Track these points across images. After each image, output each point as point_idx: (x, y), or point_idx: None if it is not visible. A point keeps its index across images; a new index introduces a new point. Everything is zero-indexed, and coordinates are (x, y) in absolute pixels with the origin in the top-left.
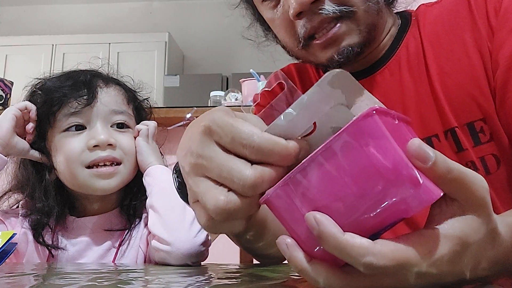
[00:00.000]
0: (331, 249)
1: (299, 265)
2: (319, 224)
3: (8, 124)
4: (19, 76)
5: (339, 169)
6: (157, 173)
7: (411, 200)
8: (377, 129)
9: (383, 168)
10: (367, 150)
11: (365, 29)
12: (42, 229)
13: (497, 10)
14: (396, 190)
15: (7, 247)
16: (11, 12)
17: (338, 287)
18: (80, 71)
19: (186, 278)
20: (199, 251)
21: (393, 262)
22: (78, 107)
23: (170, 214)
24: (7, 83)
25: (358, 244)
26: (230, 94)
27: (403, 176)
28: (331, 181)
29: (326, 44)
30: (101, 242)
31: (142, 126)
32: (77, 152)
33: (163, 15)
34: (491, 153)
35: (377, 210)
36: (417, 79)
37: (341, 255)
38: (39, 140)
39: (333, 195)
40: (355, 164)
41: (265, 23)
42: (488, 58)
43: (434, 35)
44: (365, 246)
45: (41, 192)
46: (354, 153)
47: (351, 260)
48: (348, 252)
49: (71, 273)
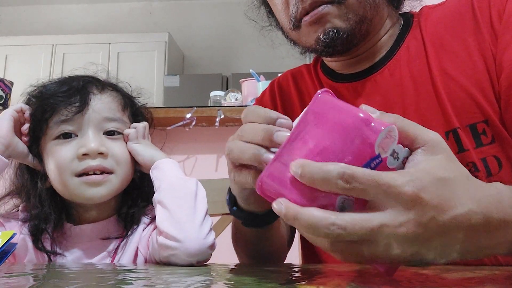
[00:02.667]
0: (311, 174)
1: (293, 210)
2: (301, 164)
3: (8, 124)
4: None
5: (312, 133)
6: (166, 167)
7: (370, 134)
8: (328, 99)
9: (343, 121)
10: (330, 113)
11: (353, 17)
12: (40, 235)
13: (500, 14)
14: (357, 132)
15: (7, 247)
16: (11, 12)
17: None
18: (75, 77)
19: (186, 278)
20: (207, 252)
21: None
22: (68, 115)
23: (180, 211)
24: (7, 83)
25: (331, 165)
26: (230, 94)
27: (358, 121)
28: (309, 144)
29: (312, 22)
30: (98, 250)
31: (130, 130)
32: (67, 161)
33: (163, 15)
34: (492, 155)
35: (347, 152)
36: (418, 80)
37: (321, 180)
38: (34, 147)
39: (312, 154)
40: (323, 125)
41: (268, 6)
42: (492, 62)
43: (436, 36)
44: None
45: (36, 199)
46: (320, 118)
47: (327, 180)
48: (322, 173)
49: (71, 273)
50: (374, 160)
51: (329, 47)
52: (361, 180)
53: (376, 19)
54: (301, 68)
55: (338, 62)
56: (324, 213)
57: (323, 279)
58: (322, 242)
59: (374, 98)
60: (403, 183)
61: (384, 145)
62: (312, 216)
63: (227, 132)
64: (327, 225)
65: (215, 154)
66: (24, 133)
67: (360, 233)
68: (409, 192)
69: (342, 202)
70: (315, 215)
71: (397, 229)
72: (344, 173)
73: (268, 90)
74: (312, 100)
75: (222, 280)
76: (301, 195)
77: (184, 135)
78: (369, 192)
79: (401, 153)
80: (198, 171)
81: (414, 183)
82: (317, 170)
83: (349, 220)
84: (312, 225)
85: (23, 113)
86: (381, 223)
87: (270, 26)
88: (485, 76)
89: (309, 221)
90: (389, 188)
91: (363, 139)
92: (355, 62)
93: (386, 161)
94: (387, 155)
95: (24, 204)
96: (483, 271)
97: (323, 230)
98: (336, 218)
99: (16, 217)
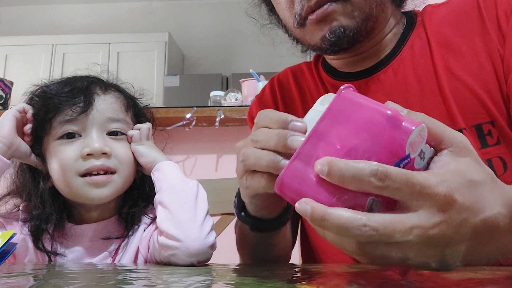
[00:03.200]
0: (341, 172)
1: (320, 210)
2: (328, 162)
3: (10, 124)
4: (19, 76)
5: (337, 132)
6: (167, 169)
7: (400, 133)
8: (352, 95)
9: (372, 120)
10: (355, 111)
11: (359, 15)
12: (41, 235)
13: (508, 14)
14: (387, 131)
15: (7, 247)
16: (11, 12)
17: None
18: (78, 77)
19: (186, 278)
20: (208, 252)
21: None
22: (73, 115)
23: (181, 211)
24: (7, 83)
25: (362, 163)
26: (230, 94)
27: (388, 119)
28: (334, 143)
29: (318, 20)
30: (98, 250)
31: (134, 131)
32: (71, 160)
33: (163, 15)
34: (498, 156)
35: (376, 152)
36: (423, 79)
37: (352, 178)
38: (36, 146)
39: (338, 153)
40: (349, 123)
41: (270, 3)
42: (499, 63)
43: (441, 35)
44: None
45: (37, 198)
46: (345, 116)
47: (358, 177)
48: (354, 171)
49: (71, 273)
50: (403, 160)
51: (334, 46)
52: (395, 179)
53: (381, 17)
54: (301, 65)
55: (341, 60)
56: (355, 214)
57: (323, 279)
58: (349, 245)
59: (377, 97)
60: (437, 183)
61: (414, 145)
62: (342, 216)
63: (227, 132)
64: (358, 226)
65: (215, 154)
66: (27, 133)
67: (392, 234)
68: (443, 193)
69: (371, 203)
70: (345, 215)
71: (429, 230)
72: (378, 171)
73: (268, 86)
74: (335, 97)
75: (222, 280)
76: (327, 195)
77: (184, 135)
78: (402, 192)
79: (427, 153)
80: (198, 171)
81: (447, 184)
82: (348, 167)
83: (381, 221)
84: (342, 226)
85: (26, 113)
86: (413, 225)
87: (270, 24)
88: (492, 77)
89: (339, 222)
90: (423, 189)
91: (393, 138)
92: (358, 60)
93: (414, 162)
94: (415, 156)
95: (25, 204)
96: (483, 272)
97: (354, 232)
98: (368, 219)
99: (16, 217)
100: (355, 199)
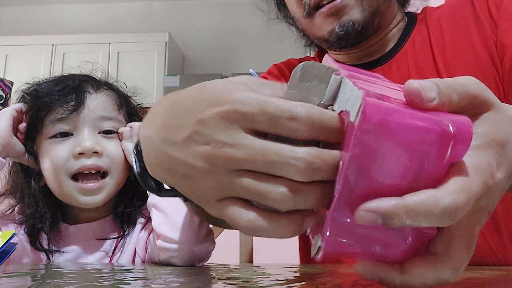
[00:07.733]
0: (402, 217)
1: (394, 280)
2: (376, 209)
3: (7, 123)
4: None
5: (372, 170)
6: None
7: (459, 148)
8: (382, 107)
9: (411, 144)
10: (392, 137)
11: (368, 9)
12: (38, 235)
13: (498, 4)
14: (434, 151)
15: (7, 247)
16: (11, 12)
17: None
18: (70, 76)
19: (186, 278)
20: (207, 252)
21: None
22: (64, 113)
23: (177, 213)
24: (7, 83)
25: (422, 196)
26: None
27: (433, 137)
28: (374, 184)
29: (329, 14)
30: (94, 250)
31: (125, 129)
32: (62, 160)
33: (163, 15)
34: None
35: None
36: (424, 73)
37: (415, 216)
38: (29, 145)
39: (382, 194)
40: (387, 157)
41: None
42: (493, 48)
43: (439, 32)
44: (430, 194)
45: (30, 198)
46: (379, 146)
47: (426, 213)
48: (420, 209)
49: (70, 273)
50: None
51: (342, 40)
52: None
53: (388, 13)
54: (305, 59)
55: (346, 55)
56: (433, 265)
57: (323, 279)
58: None
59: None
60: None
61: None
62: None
63: None
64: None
65: None
66: (22, 131)
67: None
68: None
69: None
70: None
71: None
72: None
73: (274, 67)
74: (358, 123)
75: (222, 280)
76: (385, 246)
77: None
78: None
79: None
80: None
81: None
82: (418, 205)
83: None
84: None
85: (23, 113)
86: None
87: (277, 18)
88: (488, 64)
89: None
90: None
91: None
92: (362, 56)
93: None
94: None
95: (20, 205)
96: (484, 271)
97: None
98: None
99: (12, 219)
100: (412, 240)
